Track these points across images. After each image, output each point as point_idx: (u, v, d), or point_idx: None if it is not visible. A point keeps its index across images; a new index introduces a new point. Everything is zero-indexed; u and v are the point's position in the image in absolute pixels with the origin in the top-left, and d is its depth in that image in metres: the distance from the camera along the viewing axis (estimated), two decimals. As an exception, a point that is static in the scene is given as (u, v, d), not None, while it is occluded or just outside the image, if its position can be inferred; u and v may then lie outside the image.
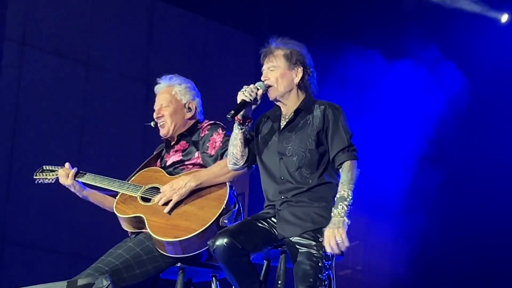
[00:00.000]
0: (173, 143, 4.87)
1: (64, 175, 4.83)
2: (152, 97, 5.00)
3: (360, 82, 8.46)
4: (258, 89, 4.28)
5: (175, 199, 4.54)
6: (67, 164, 4.90)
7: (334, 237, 4.03)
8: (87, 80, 8.51)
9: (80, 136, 8.39)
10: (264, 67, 4.36)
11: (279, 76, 4.31)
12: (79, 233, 8.06)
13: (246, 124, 4.32)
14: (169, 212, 4.53)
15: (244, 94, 4.25)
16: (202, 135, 4.76)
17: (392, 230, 8.51)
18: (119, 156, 8.13)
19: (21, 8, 8.13)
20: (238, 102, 4.26)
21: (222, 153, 4.66)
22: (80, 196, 4.90)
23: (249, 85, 4.30)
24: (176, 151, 4.81)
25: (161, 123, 4.84)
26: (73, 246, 8.07)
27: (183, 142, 4.82)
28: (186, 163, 4.74)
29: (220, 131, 4.74)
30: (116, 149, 8.26)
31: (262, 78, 4.35)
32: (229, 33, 9.53)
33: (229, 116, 4.23)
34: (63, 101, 8.25)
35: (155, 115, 4.86)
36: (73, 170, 4.85)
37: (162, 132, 4.86)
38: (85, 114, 8.43)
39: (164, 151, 4.94)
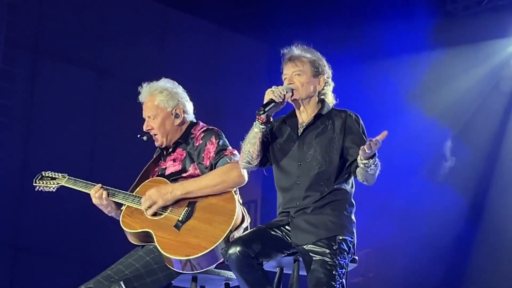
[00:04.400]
0: (170, 150, 4.79)
1: (98, 196, 4.68)
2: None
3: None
4: (286, 92, 4.29)
5: (160, 203, 4.50)
6: (99, 185, 4.73)
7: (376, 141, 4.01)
8: (99, 88, 8.52)
9: (92, 142, 8.40)
10: (288, 72, 4.36)
11: (304, 81, 4.33)
12: (92, 240, 8.07)
13: (268, 124, 4.32)
14: (153, 215, 4.49)
15: (274, 94, 4.26)
16: (197, 144, 4.69)
17: (405, 237, 8.48)
18: (131, 162, 8.11)
19: (34, 16, 8.15)
20: (267, 100, 4.26)
21: (215, 163, 4.60)
22: (106, 211, 4.77)
23: (270, 87, 4.29)
24: (174, 159, 4.74)
25: (153, 135, 4.78)
26: (86, 252, 8.07)
27: (179, 150, 4.75)
28: (183, 175, 4.66)
29: (214, 140, 4.66)
30: (128, 155, 8.26)
31: (287, 82, 4.35)
32: (241, 40, 9.54)
33: (260, 113, 4.22)
34: (76, 108, 8.26)
35: (144, 128, 4.77)
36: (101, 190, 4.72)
37: (157, 143, 4.79)
38: (97, 121, 8.44)
39: (161, 156, 4.86)
